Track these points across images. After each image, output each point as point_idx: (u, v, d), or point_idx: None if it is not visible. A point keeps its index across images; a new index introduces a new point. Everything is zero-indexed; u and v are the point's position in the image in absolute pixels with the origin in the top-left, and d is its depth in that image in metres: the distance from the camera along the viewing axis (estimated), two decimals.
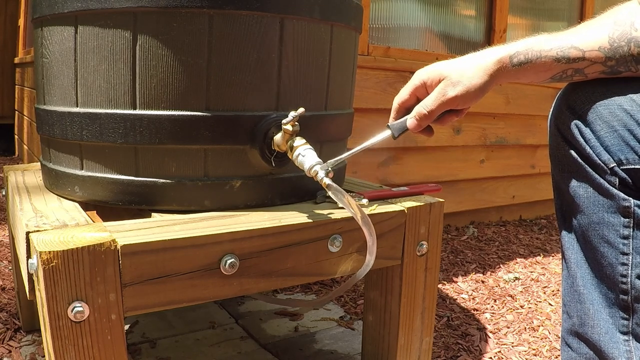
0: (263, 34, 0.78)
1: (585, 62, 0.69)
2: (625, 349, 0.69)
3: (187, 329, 1.22)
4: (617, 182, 0.67)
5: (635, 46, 0.67)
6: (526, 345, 1.29)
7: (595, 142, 0.68)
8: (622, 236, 0.68)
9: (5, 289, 1.40)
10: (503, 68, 0.72)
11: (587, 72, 0.70)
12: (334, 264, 0.81)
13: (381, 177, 1.92)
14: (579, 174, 0.71)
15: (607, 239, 0.69)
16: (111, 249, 0.62)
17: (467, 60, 0.75)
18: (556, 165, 0.76)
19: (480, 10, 2.24)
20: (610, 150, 0.67)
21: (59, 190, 0.87)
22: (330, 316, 1.33)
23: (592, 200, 0.70)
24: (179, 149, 0.78)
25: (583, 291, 0.73)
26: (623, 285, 0.68)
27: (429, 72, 0.77)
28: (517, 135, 2.34)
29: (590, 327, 0.72)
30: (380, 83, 1.86)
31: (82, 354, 0.62)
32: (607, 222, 0.69)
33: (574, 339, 0.76)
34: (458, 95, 0.75)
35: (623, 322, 0.69)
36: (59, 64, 0.81)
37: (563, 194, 0.76)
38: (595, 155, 0.68)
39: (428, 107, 0.77)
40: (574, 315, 0.75)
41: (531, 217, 2.55)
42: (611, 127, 0.67)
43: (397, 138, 0.84)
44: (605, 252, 0.69)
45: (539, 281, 1.74)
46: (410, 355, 0.94)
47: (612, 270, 0.69)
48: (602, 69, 0.69)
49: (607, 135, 0.67)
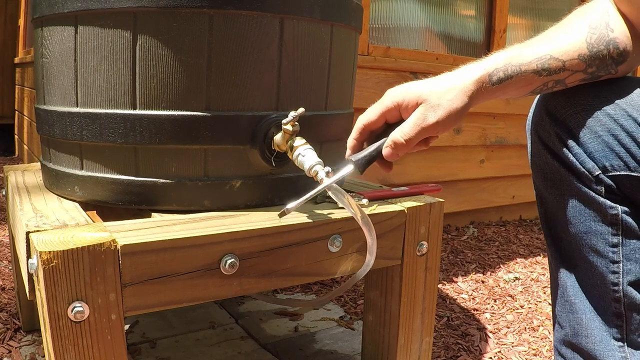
0: (263, 34, 0.78)
1: (566, 72, 0.66)
2: (620, 356, 0.68)
3: (187, 329, 1.22)
4: (602, 190, 0.65)
5: (614, 48, 0.65)
6: (526, 345, 1.29)
7: (579, 150, 0.66)
8: (611, 244, 0.66)
9: (5, 289, 1.40)
10: (482, 88, 0.67)
11: (568, 82, 0.67)
12: (334, 264, 0.81)
13: (381, 177, 1.92)
14: (563, 183, 0.69)
15: (596, 248, 0.67)
16: (111, 249, 0.62)
17: (445, 80, 0.68)
18: (538, 174, 0.73)
19: (480, 10, 2.24)
20: (595, 157, 0.65)
21: (59, 190, 0.87)
22: (330, 316, 1.33)
23: (578, 209, 0.68)
24: (179, 149, 0.78)
25: (575, 301, 0.71)
26: (615, 294, 0.67)
27: (405, 94, 0.70)
28: (517, 135, 2.34)
29: (584, 337, 0.70)
30: (380, 83, 1.86)
31: (82, 354, 0.62)
32: (595, 231, 0.67)
33: (567, 350, 0.74)
34: (439, 121, 0.67)
35: (617, 329, 0.68)
36: (59, 64, 0.81)
37: (547, 202, 0.74)
38: (579, 163, 0.66)
39: (406, 135, 0.69)
40: (566, 325, 0.73)
41: (531, 217, 2.55)
42: (594, 133, 0.65)
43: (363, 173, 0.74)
44: (595, 262, 0.68)
45: (539, 281, 1.74)
46: (410, 355, 0.94)
47: (603, 279, 0.67)
48: (583, 77, 0.67)
49: (591, 142, 0.65)
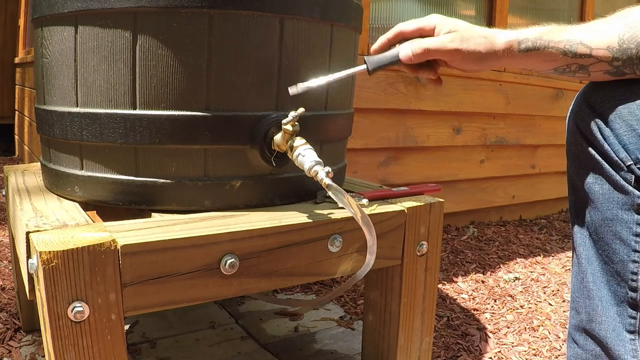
0: (263, 34, 0.78)
1: (591, 59, 0.70)
2: (631, 348, 0.69)
3: (187, 329, 1.22)
4: (632, 180, 0.68)
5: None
6: (526, 345, 1.29)
7: (614, 140, 0.69)
8: (635, 233, 0.68)
9: (5, 289, 1.40)
10: (509, 50, 0.73)
11: (592, 70, 0.71)
12: (334, 264, 0.81)
13: (381, 177, 1.92)
14: (595, 171, 0.72)
15: (619, 235, 0.70)
16: (111, 249, 0.62)
17: (482, 30, 0.76)
18: (573, 162, 0.77)
19: (480, 10, 2.24)
20: (628, 148, 0.68)
21: (59, 190, 0.87)
22: (330, 316, 1.33)
23: (607, 196, 0.71)
24: (179, 149, 0.78)
25: (592, 287, 0.73)
26: (633, 283, 0.69)
27: (445, 22, 0.77)
28: (517, 135, 2.34)
29: (598, 324, 0.72)
30: (380, 83, 1.86)
31: (82, 354, 0.62)
32: (620, 218, 0.69)
33: (580, 335, 0.76)
34: (460, 50, 0.75)
35: (630, 320, 0.70)
36: (59, 64, 0.81)
37: (578, 190, 0.76)
38: (613, 152, 0.69)
39: (429, 45, 0.77)
40: (582, 311, 0.75)
41: (531, 217, 2.55)
42: (630, 127, 0.68)
43: (371, 74, 0.82)
44: (617, 249, 0.70)
45: (539, 281, 1.74)
46: (410, 355, 0.94)
47: (623, 267, 0.69)
48: (608, 69, 0.70)
49: (626, 134, 0.68)
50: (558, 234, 2.34)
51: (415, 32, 0.80)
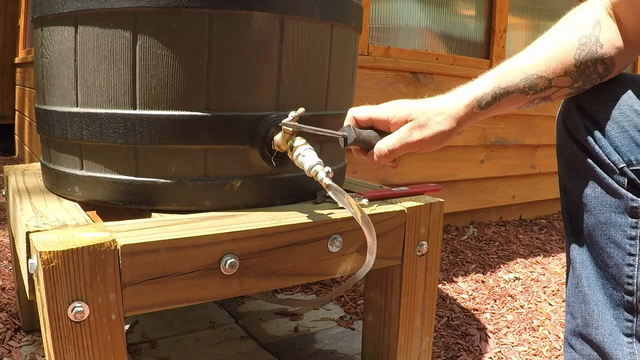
0: (263, 34, 0.78)
1: (553, 89, 0.69)
2: (628, 352, 0.68)
3: (187, 329, 1.22)
4: (625, 183, 0.67)
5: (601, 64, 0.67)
6: (526, 345, 1.29)
7: (605, 142, 0.67)
8: (629, 237, 0.67)
9: (5, 289, 1.40)
10: (472, 112, 0.73)
11: (554, 98, 0.70)
12: (334, 264, 0.81)
13: (381, 177, 1.92)
14: (587, 174, 0.70)
15: (613, 239, 0.68)
16: (111, 249, 0.62)
17: (436, 103, 0.74)
18: (564, 165, 0.75)
19: (480, 10, 2.24)
20: (620, 150, 0.66)
21: (59, 191, 0.87)
22: (330, 316, 1.33)
23: (600, 200, 0.69)
24: (179, 149, 0.78)
25: (588, 292, 0.72)
26: (629, 287, 0.68)
27: (397, 110, 0.76)
28: (517, 135, 2.34)
29: (594, 329, 0.71)
30: (380, 83, 1.86)
31: (82, 354, 0.62)
32: (614, 222, 0.68)
33: (577, 340, 0.75)
34: (424, 139, 0.74)
35: (627, 324, 0.69)
36: (59, 64, 0.81)
37: (570, 193, 0.75)
38: (604, 155, 0.68)
39: (390, 147, 0.76)
40: (578, 316, 0.74)
41: (531, 217, 2.55)
42: (621, 128, 0.66)
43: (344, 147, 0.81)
44: (612, 253, 0.69)
45: (539, 281, 1.74)
46: (410, 355, 0.94)
47: (618, 271, 0.68)
48: (569, 92, 0.70)
49: (617, 136, 0.67)
50: (558, 234, 2.34)
51: (367, 122, 0.80)
